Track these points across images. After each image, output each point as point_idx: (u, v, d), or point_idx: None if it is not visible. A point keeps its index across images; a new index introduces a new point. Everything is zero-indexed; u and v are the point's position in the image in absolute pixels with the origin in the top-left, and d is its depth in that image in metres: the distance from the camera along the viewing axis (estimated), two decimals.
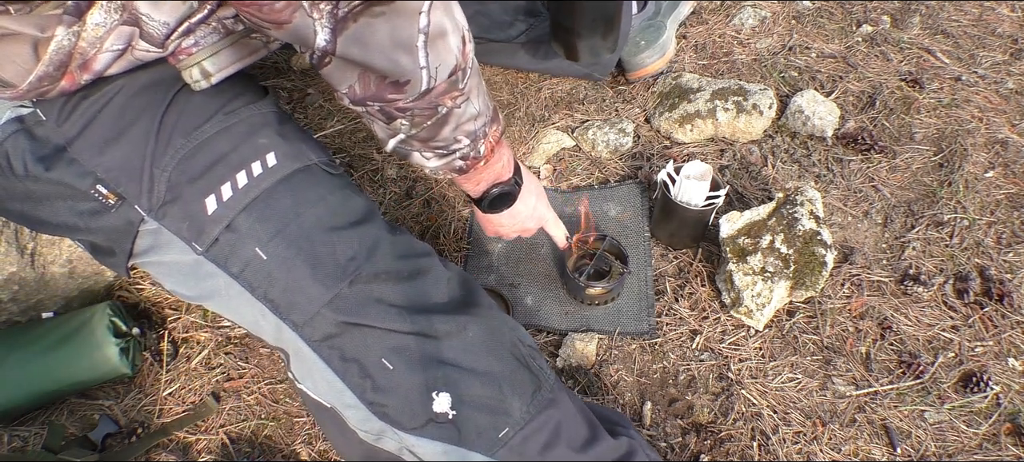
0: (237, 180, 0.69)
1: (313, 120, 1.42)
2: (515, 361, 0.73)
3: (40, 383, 0.95)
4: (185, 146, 0.70)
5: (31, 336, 0.97)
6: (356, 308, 0.69)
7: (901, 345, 0.98)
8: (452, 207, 1.23)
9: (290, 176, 0.72)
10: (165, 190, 0.69)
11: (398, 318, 0.69)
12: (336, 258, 0.70)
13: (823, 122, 1.25)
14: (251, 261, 0.69)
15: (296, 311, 0.70)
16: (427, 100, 0.65)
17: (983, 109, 1.29)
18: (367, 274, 0.70)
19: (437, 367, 0.69)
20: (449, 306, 0.73)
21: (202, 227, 0.69)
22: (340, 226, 0.72)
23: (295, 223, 0.70)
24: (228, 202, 0.69)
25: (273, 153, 0.72)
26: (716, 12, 1.55)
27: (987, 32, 1.46)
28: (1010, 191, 1.16)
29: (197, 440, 0.95)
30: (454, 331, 0.71)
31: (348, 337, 0.69)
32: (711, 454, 0.89)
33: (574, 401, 0.78)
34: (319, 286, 0.69)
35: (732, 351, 0.99)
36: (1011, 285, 1.03)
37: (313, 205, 0.71)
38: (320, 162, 0.76)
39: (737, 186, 1.20)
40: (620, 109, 1.36)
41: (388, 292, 0.70)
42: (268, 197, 0.70)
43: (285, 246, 0.69)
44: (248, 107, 0.74)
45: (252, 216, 0.69)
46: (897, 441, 0.89)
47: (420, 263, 0.75)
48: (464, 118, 0.71)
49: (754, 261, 1.00)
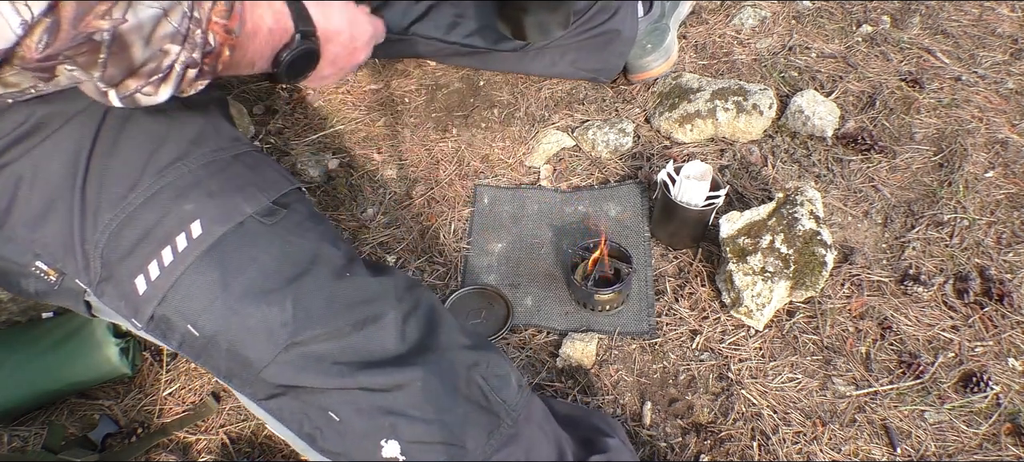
0: (163, 257, 0.67)
1: (312, 120, 1.42)
2: (469, 403, 0.70)
3: (40, 383, 0.95)
4: (114, 221, 0.67)
5: (31, 336, 0.97)
6: (295, 371, 0.67)
7: (901, 345, 0.98)
8: (452, 207, 1.23)
9: (218, 242, 0.68)
10: (100, 267, 0.68)
11: (339, 376, 0.67)
12: (269, 326, 0.67)
13: (823, 122, 1.26)
14: (186, 336, 0.68)
15: (236, 378, 0.69)
16: (61, 40, 0.50)
17: (983, 109, 1.29)
18: (305, 337, 0.67)
19: (384, 416, 0.67)
20: (399, 356, 0.70)
21: (137, 307, 0.68)
22: (272, 288, 0.68)
23: (222, 297, 0.67)
24: (156, 281, 0.67)
25: (199, 221, 0.68)
26: (716, 12, 1.55)
27: (987, 32, 1.46)
28: (1010, 191, 1.16)
29: (197, 440, 0.95)
30: (402, 382, 0.68)
31: (292, 396, 0.68)
32: (711, 454, 0.89)
33: (546, 425, 0.76)
34: (254, 355, 0.67)
35: (732, 351, 0.99)
36: (1011, 285, 1.03)
37: (242, 271, 0.68)
38: (256, 212, 0.71)
39: (737, 186, 1.20)
40: (620, 109, 1.36)
41: (329, 350, 0.68)
42: (194, 272, 0.67)
43: (215, 321, 0.67)
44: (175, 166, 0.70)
45: (180, 293, 0.67)
46: (897, 441, 0.89)
47: (369, 310, 0.71)
48: (148, 26, 0.54)
49: (754, 261, 1.00)
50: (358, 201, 1.26)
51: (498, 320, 1.05)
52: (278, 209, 0.74)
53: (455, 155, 1.32)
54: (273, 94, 1.48)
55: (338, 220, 1.21)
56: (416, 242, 1.17)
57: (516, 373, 0.77)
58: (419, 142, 1.35)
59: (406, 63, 1.50)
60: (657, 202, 1.10)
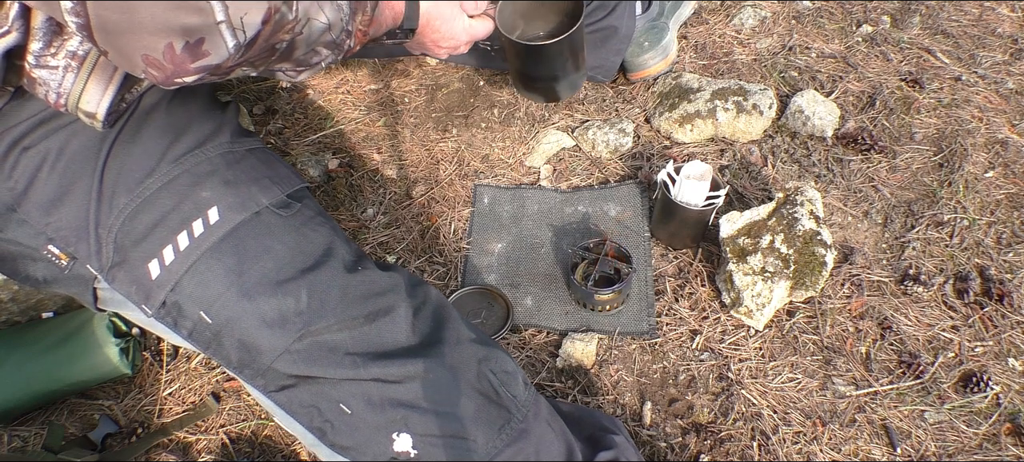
0: (178, 243, 0.67)
1: (312, 120, 1.42)
2: (480, 397, 0.71)
3: (40, 383, 0.95)
4: (129, 205, 0.68)
5: (31, 336, 0.97)
6: (308, 361, 0.68)
7: (901, 345, 0.98)
8: (452, 207, 1.23)
9: (234, 230, 0.69)
10: (113, 252, 0.68)
11: (352, 367, 0.68)
12: (283, 315, 0.67)
13: (823, 122, 1.26)
14: (198, 324, 0.68)
15: (247, 369, 0.69)
16: (254, 51, 0.57)
17: (983, 109, 1.29)
18: (318, 326, 0.68)
19: (396, 409, 0.68)
20: (411, 348, 0.71)
21: (148, 292, 0.68)
22: (287, 278, 0.69)
23: (238, 284, 0.67)
24: (170, 266, 0.67)
25: (216, 207, 0.69)
26: (716, 12, 1.55)
27: (987, 32, 1.46)
28: (1010, 191, 1.16)
29: (197, 440, 0.95)
30: (414, 374, 0.69)
31: (303, 387, 0.68)
32: (711, 454, 0.89)
33: (553, 422, 0.76)
34: (267, 344, 0.67)
35: (732, 351, 0.99)
36: (1011, 285, 1.03)
37: (258, 260, 0.69)
38: (272, 204, 0.73)
39: (737, 186, 1.20)
40: (620, 109, 1.36)
41: (342, 340, 0.68)
42: (210, 257, 0.68)
43: (229, 309, 0.67)
44: (193, 154, 0.71)
45: (194, 279, 0.67)
46: (897, 441, 0.89)
47: (382, 302, 0.72)
48: (314, 36, 0.62)
49: (754, 261, 1.00)
50: (358, 201, 1.26)
51: (498, 320, 1.05)
52: (292, 203, 0.75)
53: (455, 155, 1.32)
54: (273, 94, 1.48)
55: (338, 220, 1.21)
56: (416, 242, 1.17)
57: (521, 371, 0.77)
58: (419, 142, 1.35)
59: (406, 63, 1.50)
60: (657, 202, 1.10)
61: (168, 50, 0.54)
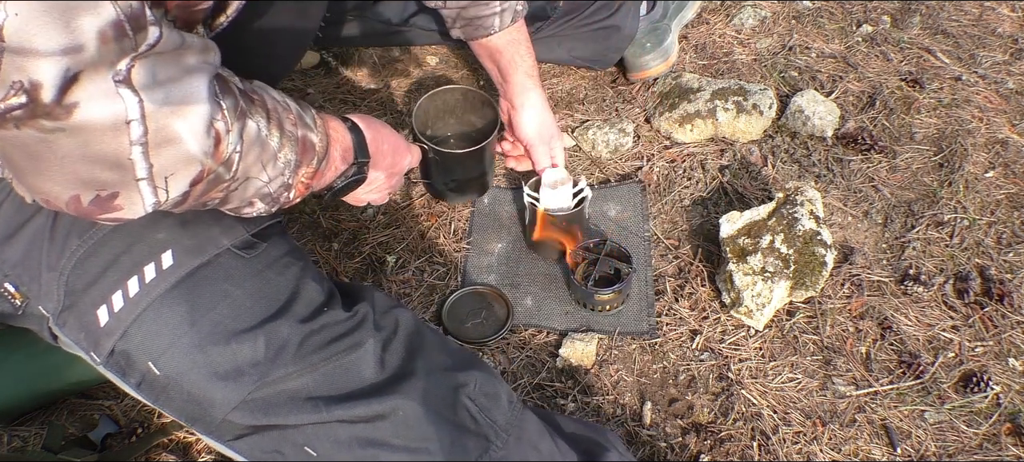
0: (128, 288, 0.63)
1: None
2: (455, 429, 0.68)
3: (40, 383, 0.95)
4: (81, 248, 0.64)
5: (31, 336, 0.97)
6: (266, 411, 0.64)
7: (901, 345, 0.98)
8: (452, 207, 1.23)
9: (189, 276, 0.65)
10: (64, 295, 0.64)
11: (314, 411, 0.64)
12: (238, 366, 0.63)
13: (823, 122, 1.26)
14: (146, 375, 0.64)
15: (198, 423, 0.66)
16: (185, 206, 0.55)
17: (983, 109, 1.29)
18: (277, 375, 0.64)
19: (365, 448, 0.65)
20: (379, 385, 0.67)
21: (97, 339, 0.64)
22: (244, 328, 0.64)
23: (189, 334, 0.63)
24: (119, 313, 0.63)
25: (170, 251, 0.65)
26: (716, 12, 1.55)
27: (987, 32, 1.46)
28: (1010, 191, 1.16)
29: (197, 440, 0.95)
30: (384, 412, 0.65)
31: (263, 435, 0.65)
32: (711, 454, 0.89)
33: (541, 443, 0.73)
34: (219, 397, 0.63)
35: (732, 351, 0.99)
36: (1011, 285, 1.03)
37: (213, 307, 0.64)
38: (234, 245, 0.68)
39: (737, 186, 1.20)
40: (620, 109, 1.36)
41: (303, 385, 0.65)
42: (161, 305, 0.63)
43: (178, 360, 0.63)
44: None
45: (143, 328, 0.63)
46: (897, 441, 0.89)
47: (346, 342, 0.68)
48: (249, 192, 0.60)
49: (754, 261, 1.00)
50: None
51: (498, 320, 1.05)
52: (257, 243, 0.71)
53: None
54: None
55: (338, 220, 1.21)
56: (416, 242, 1.17)
57: (507, 389, 0.75)
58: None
59: (406, 63, 1.50)
60: (528, 216, 1.10)
61: (73, 201, 0.50)
